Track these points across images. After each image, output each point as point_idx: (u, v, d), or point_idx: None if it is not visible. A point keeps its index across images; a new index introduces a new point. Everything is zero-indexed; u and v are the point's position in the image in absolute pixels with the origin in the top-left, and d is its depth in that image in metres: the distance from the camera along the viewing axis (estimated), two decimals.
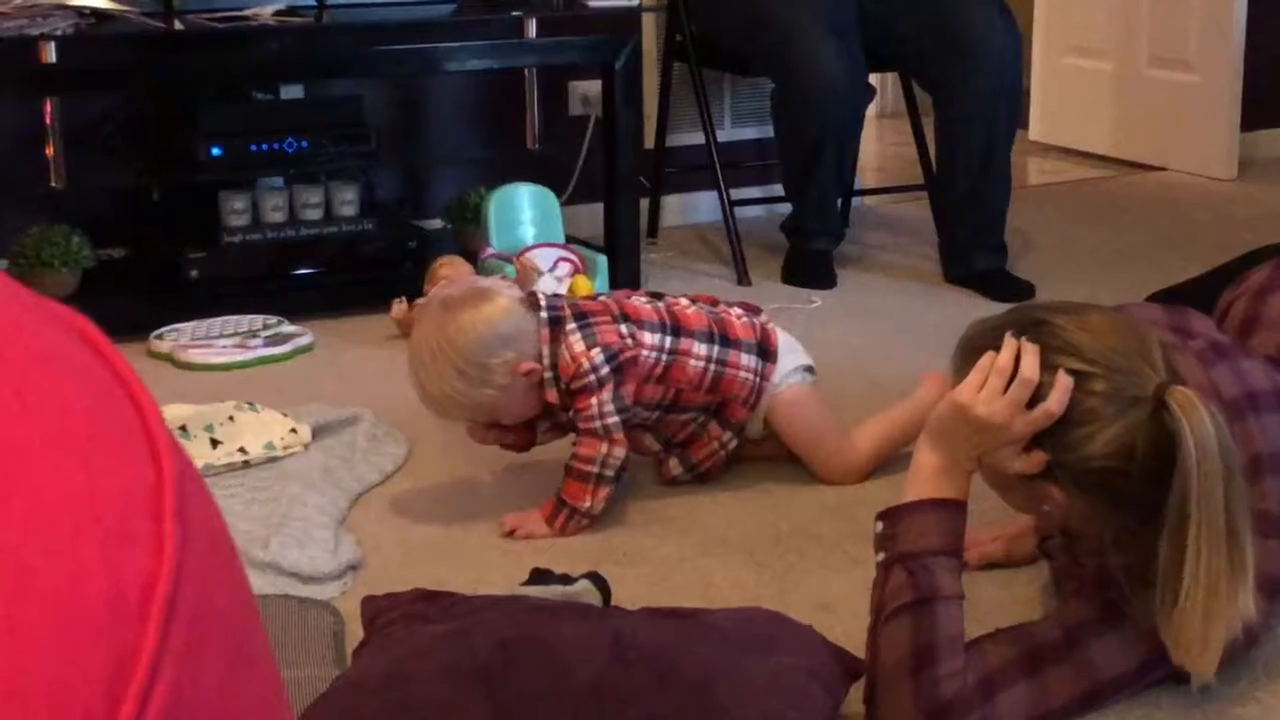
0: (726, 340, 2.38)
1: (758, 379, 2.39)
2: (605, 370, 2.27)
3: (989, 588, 2.03)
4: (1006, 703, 1.65)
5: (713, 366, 2.36)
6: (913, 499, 1.70)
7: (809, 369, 2.46)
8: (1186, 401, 1.55)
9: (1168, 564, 1.55)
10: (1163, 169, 4.95)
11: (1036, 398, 1.62)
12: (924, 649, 1.64)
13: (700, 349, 2.36)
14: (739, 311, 2.45)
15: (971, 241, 3.64)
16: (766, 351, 2.41)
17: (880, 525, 1.72)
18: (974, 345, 1.70)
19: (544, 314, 2.29)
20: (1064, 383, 1.60)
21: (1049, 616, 1.77)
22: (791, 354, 2.45)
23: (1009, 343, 1.64)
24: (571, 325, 2.28)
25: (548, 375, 2.27)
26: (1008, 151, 3.65)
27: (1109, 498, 1.63)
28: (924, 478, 1.71)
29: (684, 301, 2.43)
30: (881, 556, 1.71)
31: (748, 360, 2.38)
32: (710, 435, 2.42)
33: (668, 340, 2.34)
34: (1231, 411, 1.72)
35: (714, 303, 2.47)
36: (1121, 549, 1.66)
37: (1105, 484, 1.61)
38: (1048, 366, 1.62)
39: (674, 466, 2.44)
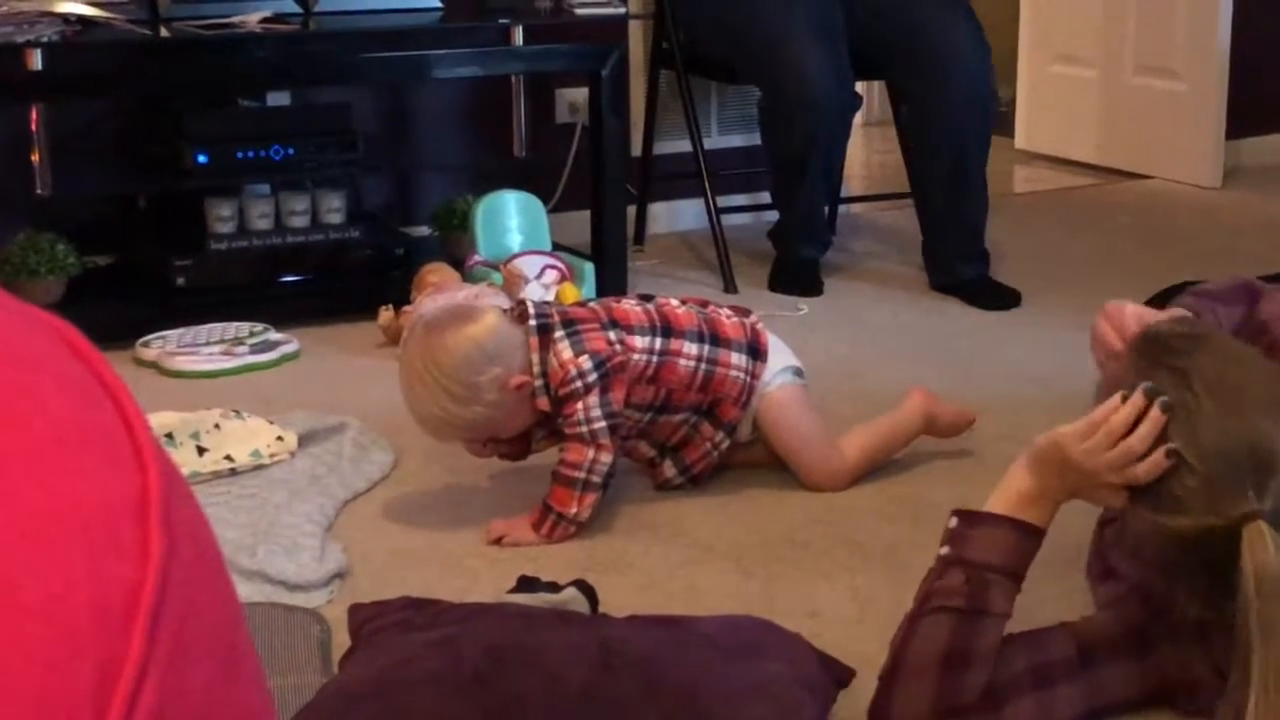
0: (717, 339, 2.39)
1: (748, 378, 2.39)
2: (593, 376, 2.27)
3: None
4: (1013, 712, 1.65)
5: (703, 366, 2.36)
6: (996, 511, 1.69)
7: (798, 371, 2.47)
8: (1258, 538, 1.51)
9: (1236, 680, 1.52)
10: (1149, 177, 4.96)
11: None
12: (959, 653, 1.64)
13: (690, 348, 2.36)
14: (728, 312, 2.46)
15: (953, 252, 3.65)
16: (757, 350, 2.41)
17: (955, 521, 1.71)
18: (1147, 358, 1.65)
19: (533, 322, 2.29)
20: (1158, 459, 1.58)
21: (1065, 627, 1.76)
22: (781, 355, 2.45)
23: (1134, 402, 1.60)
24: (560, 333, 2.29)
25: (538, 383, 2.27)
26: (981, 163, 3.64)
27: (1180, 562, 1.61)
28: (1011, 496, 1.70)
29: (674, 302, 2.44)
30: (945, 551, 1.69)
31: (738, 359, 2.39)
32: (703, 436, 2.42)
33: (658, 342, 2.35)
34: None
35: (704, 304, 2.48)
36: (1188, 600, 1.64)
37: (1177, 553, 1.59)
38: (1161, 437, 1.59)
39: (668, 469, 2.44)
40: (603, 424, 2.27)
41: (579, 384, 2.26)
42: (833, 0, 3.63)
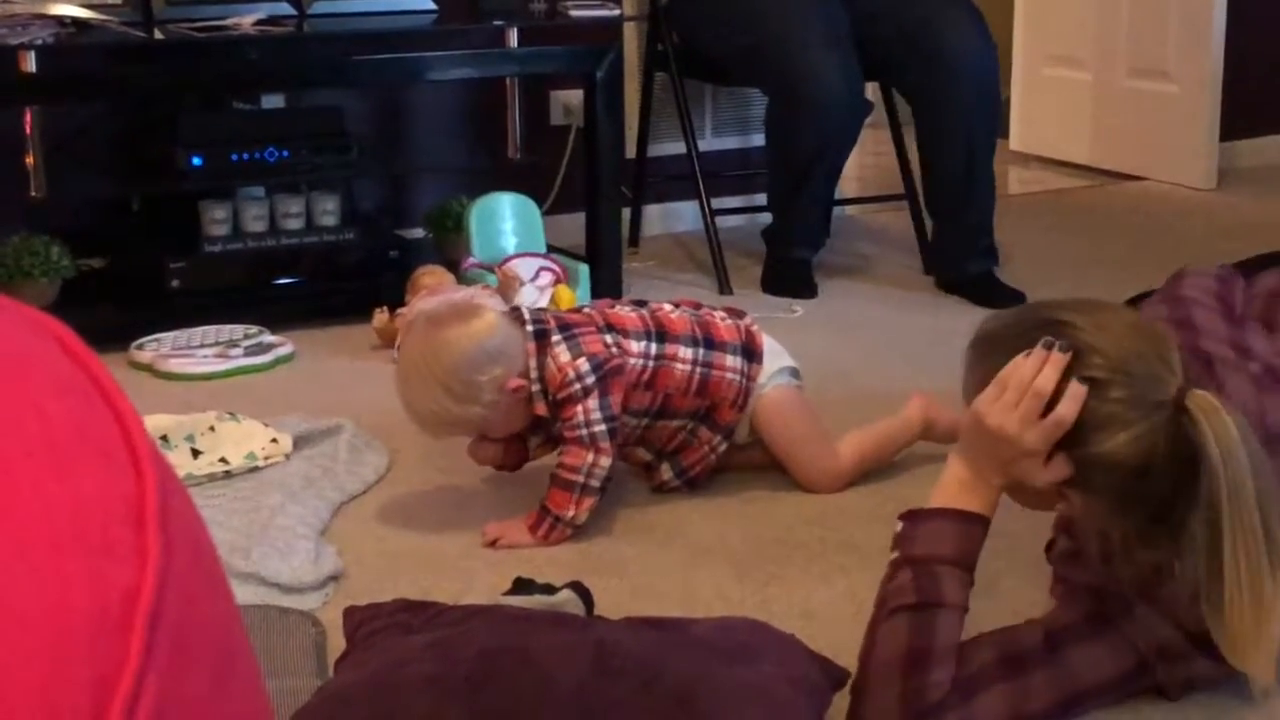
0: (711, 342, 2.38)
1: (744, 380, 2.39)
2: (591, 379, 2.27)
3: (973, 598, 2.03)
4: (985, 704, 1.66)
5: (699, 369, 2.36)
6: (936, 505, 1.71)
7: (794, 371, 2.47)
8: (1207, 405, 1.54)
9: (1207, 570, 1.55)
10: (1142, 179, 4.96)
11: (1050, 405, 1.62)
12: (918, 653, 1.65)
13: (686, 353, 2.36)
14: (722, 315, 2.46)
15: (961, 248, 3.65)
16: (752, 352, 2.41)
17: (900, 525, 1.73)
18: (988, 343, 1.70)
19: (529, 327, 2.29)
20: (1076, 391, 1.59)
21: (1032, 621, 1.78)
22: (776, 356, 2.45)
23: (1038, 352, 1.63)
24: (557, 337, 2.28)
25: (535, 389, 2.27)
26: (989, 158, 3.66)
27: (1124, 500, 1.62)
28: (948, 487, 1.72)
29: (668, 307, 2.44)
30: (895, 555, 1.72)
31: (733, 362, 2.39)
32: (700, 440, 2.42)
33: (653, 346, 2.35)
34: (1273, 444, 1.73)
35: (697, 306, 2.47)
36: (1127, 547, 1.65)
37: (1126, 487, 1.60)
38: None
39: (665, 471, 2.44)
40: (602, 427, 2.27)
41: (577, 387, 2.26)
42: (837, 6, 3.63)
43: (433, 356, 2.23)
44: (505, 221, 3.52)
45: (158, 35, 3.40)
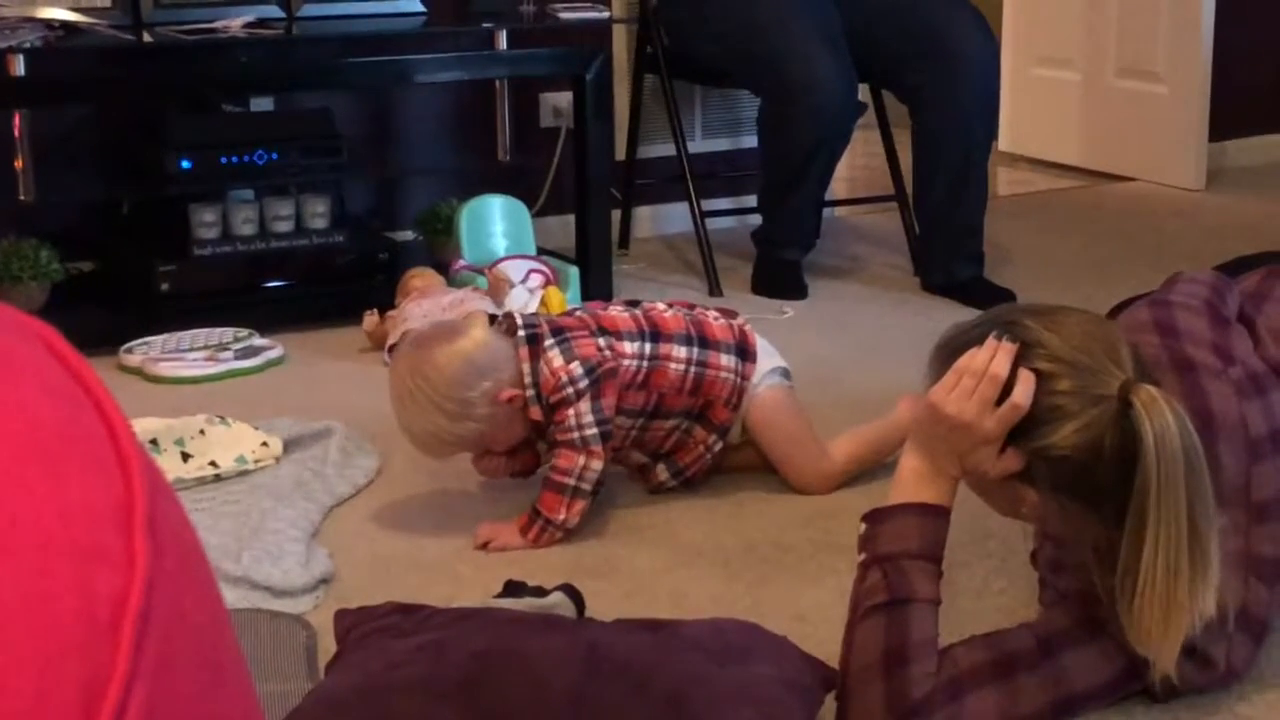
0: (705, 341, 2.39)
1: (738, 379, 2.39)
2: (584, 383, 2.27)
3: (964, 598, 2.04)
4: (975, 705, 1.66)
5: (693, 368, 2.36)
6: (895, 502, 1.72)
7: (785, 372, 2.47)
8: (1150, 399, 1.56)
9: (1128, 556, 1.56)
10: (1132, 179, 4.97)
11: (1003, 398, 1.63)
12: (895, 650, 1.65)
13: (680, 352, 2.36)
14: (716, 314, 2.46)
15: (950, 251, 3.65)
16: (745, 351, 2.41)
17: (864, 526, 1.74)
18: (950, 349, 1.71)
19: (521, 333, 2.29)
20: (1027, 378, 1.63)
21: (1024, 625, 1.78)
22: (768, 356, 2.45)
23: (989, 344, 1.66)
24: (550, 341, 2.28)
25: (529, 394, 2.27)
26: (985, 161, 3.66)
27: (1081, 497, 1.63)
28: (906, 481, 1.73)
29: (661, 306, 2.44)
30: (862, 557, 1.72)
31: (727, 360, 2.39)
32: (695, 440, 2.42)
33: (647, 347, 2.35)
34: (1256, 450, 1.74)
35: (690, 307, 2.48)
36: (1101, 558, 1.66)
37: (1076, 482, 1.62)
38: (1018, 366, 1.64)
39: (661, 472, 2.44)
40: (594, 430, 2.27)
41: (570, 390, 2.26)
42: (830, 7, 3.63)
43: (422, 378, 2.23)
44: (495, 224, 3.52)
45: (146, 38, 3.39)
